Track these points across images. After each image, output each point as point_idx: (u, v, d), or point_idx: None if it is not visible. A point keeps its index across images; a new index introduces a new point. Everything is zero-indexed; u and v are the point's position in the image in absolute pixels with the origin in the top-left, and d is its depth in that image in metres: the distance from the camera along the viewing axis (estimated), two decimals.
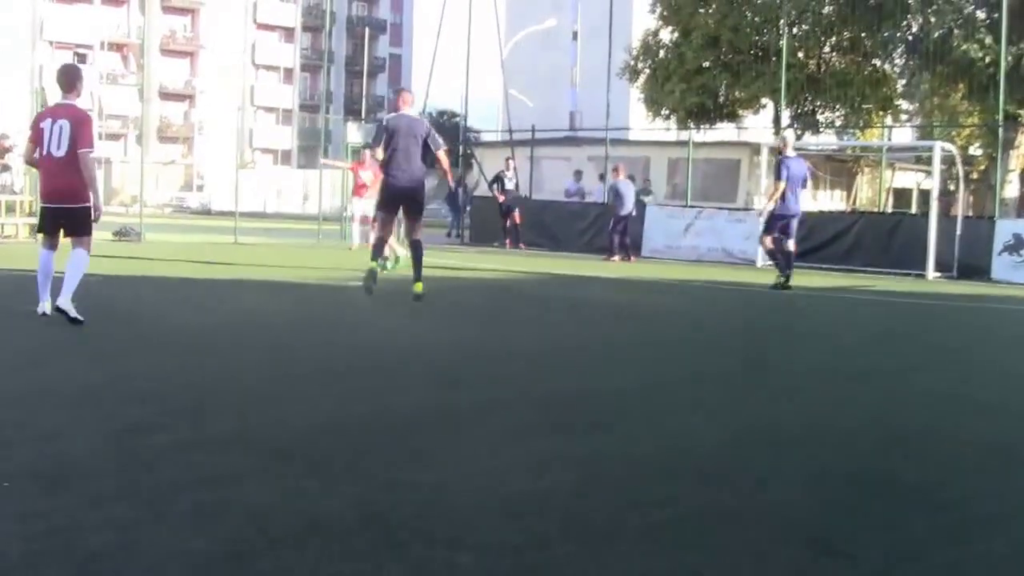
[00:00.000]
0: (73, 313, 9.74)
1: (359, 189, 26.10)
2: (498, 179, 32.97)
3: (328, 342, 10.03)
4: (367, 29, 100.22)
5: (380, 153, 13.67)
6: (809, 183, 20.11)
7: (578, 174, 36.74)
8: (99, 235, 11.13)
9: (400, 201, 13.96)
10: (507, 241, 31.68)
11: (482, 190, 36.83)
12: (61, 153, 10.03)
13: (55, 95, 10.98)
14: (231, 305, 13.61)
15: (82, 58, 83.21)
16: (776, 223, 18.55)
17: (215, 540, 4.10)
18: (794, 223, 18.71)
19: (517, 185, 33.81)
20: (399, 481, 5.04)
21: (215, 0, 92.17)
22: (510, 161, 32.94)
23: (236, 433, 5.97)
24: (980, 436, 6.82)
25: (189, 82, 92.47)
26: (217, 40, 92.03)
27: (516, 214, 31.88)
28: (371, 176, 24.86)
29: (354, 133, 36.21)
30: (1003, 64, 27.42)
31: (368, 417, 6.57)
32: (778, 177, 18.34)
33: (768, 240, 18.83)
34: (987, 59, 31.09)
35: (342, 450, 5.65)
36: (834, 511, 4.92)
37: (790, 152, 18.60)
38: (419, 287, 13.38)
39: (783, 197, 18.19)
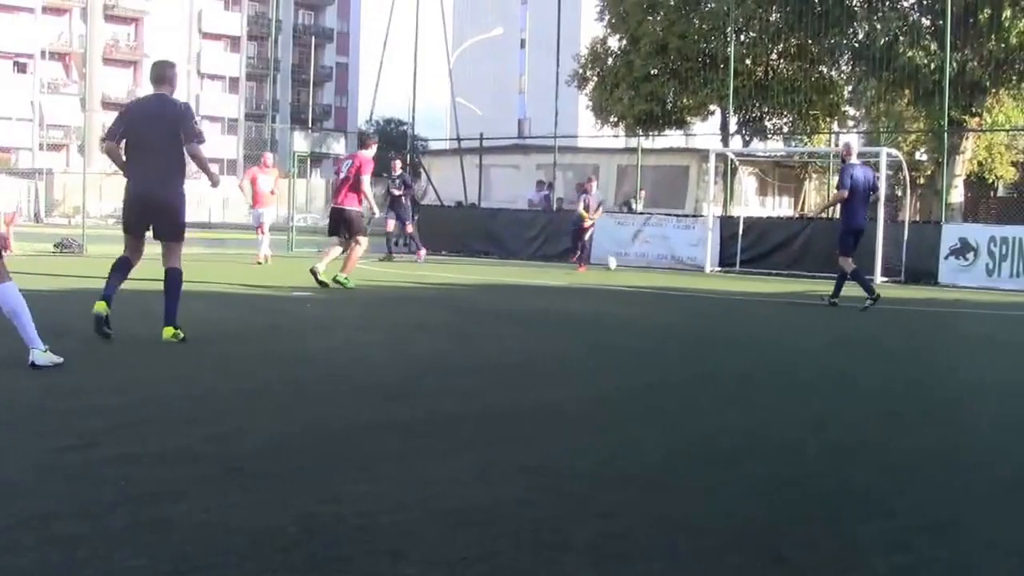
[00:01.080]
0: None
1: (259, 198, 24.65)
2: (399, 181, 29.17)
3: (274, 355, 9.90)
4: (313, 38, 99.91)
5: (110, 147, 10.46)
6: (880, 190, 19.55)
7: (540, 184, 36.68)
8: (40, 247, 10.95)
9: (142, 219, 10.52)
10: (388, 251, 28.60)
11: (429, 199, 36.77)
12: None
13: None
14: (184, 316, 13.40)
15: (22, 67, 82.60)
16: (851, 240, 16.77)
17: (157, 558, 4.01)
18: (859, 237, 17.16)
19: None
20: (344, 494, 4.96)
21: (159, 9, 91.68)
22: (396, 163, 30.00)
23: (182, 448, 5.85)
24: (928, 442, 6.81)
25: (132, 91, 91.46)
26: (161, 49, 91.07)
27: (408, 224, 28.92)
28: (273, 183, 24.64)
29: (300, 142, 35.99)
30: (947, 70, 27.63)
31: (313, 430, 6.46)
32: (841, 185, 16.59)
33: (850, 261, 16.77)
34: (932, 66, 31.36)
35: (287, 464, 5.56)
36: (784, 519, 4.89)
37: (854, 159, 16.93)
38: (169, 332, 10.01)
39: (851, 209, 16.45)
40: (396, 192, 28.49)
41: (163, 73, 10.56)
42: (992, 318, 16.92)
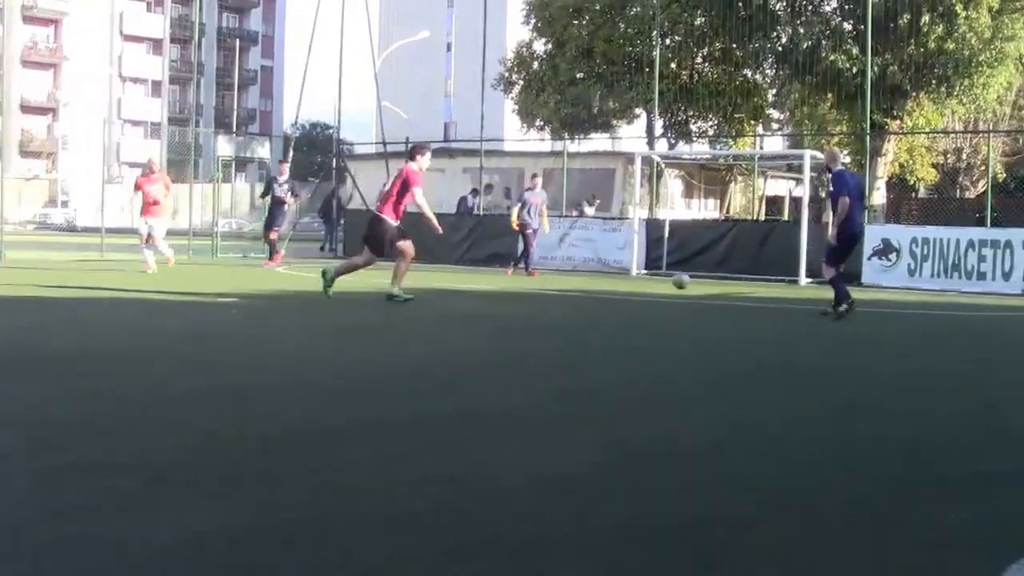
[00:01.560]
0: None
1: (149, 207, 22.81)
2: (269, 185, 27.79)
3: (200, 361, 9.82)
4: (238, 41, 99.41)
5: None
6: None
7: (480, 190, 36.63)
8: None
9: None
10: (266, 260, 27.25)
11: (355, 203, 36.65)
12: None
13: None
14: (100, 325, 13.25)
15: None
16: (848, 247, 16.14)
17: (77, 572, 3.98)
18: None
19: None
20: (267, 503, 4.94)
21: (79, 10, 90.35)
22: (284, 165, 28.42)
23: (104, 459, 5.79)
24: (867, 438, 6.89)
25: (52, 94, 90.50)
26: (82, 52, 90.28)
27: (275, 229, 27.16)
28: (162, 190, 22.87)
29: (224, 146, 35.83)
30: (869, 74, 28.00)
31: (241, 438, 6.44)
32: (840, 192, 15.49)
33: (834, 271, 15.94)
34: (854, 70, 31.73)
35: (212, 473, 5.52)
36: (722, 524, 4.88)
37: (839, 164, 16.22)
38: None
39: (849, 215, 15.46)
40: (281, 195, 26.82)
41: None
42: (910, 317, 17.14)
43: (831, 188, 15.99)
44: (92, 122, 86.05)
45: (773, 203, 50.19)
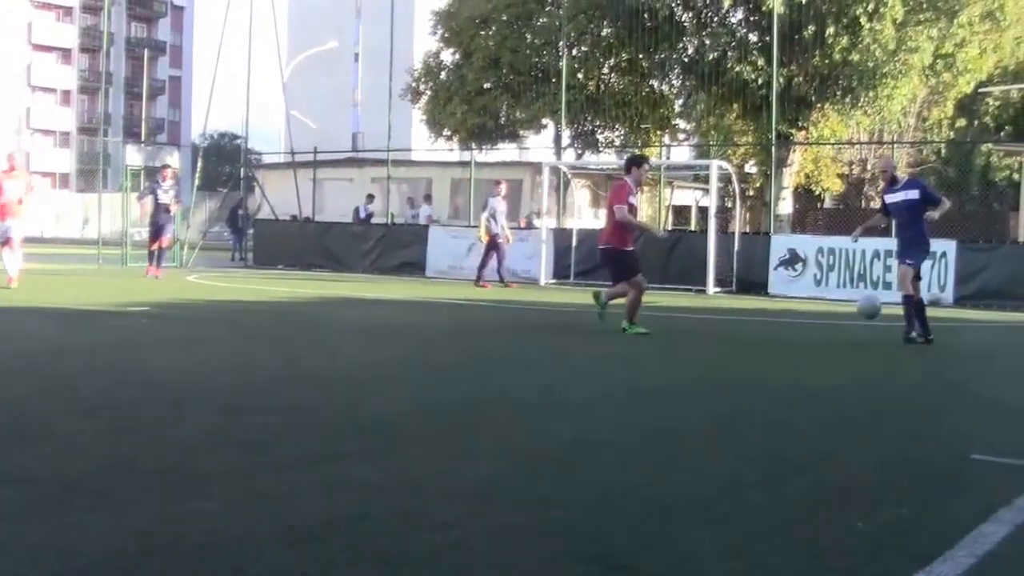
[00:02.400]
0: None
1: (7, 207, 20.40)
2: (151, 189, 26.55)
3: (108, 371, 9.64)
4: (146, 50, 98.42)
5: None
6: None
7: (370, 197, 36.49)
8: None
9: None
10: (147, 268, 26.23)
11: (265, 212, 36.42)
12: None
13: None
14: (9, 336, 12.97)
15: None
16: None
17: None
18: None
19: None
20: (182, 512, 4.84)
21: None
22: (167, 170, 26.77)
23: (15, 470, 5.64)
24: (761, 448, 6.90)
25: None
26: None
27: (165, 236, 26.23)
28: (23, 189, 20.52)
29: (133, 155, 35.47)
30: (775, 85, 28.22)
31: (149, 448, 6.31)
32: (941, 197, 14.03)
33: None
34: (760, 80, 31.96)
35: (125, 483, 5.39)
36: (617, 527, 4.86)
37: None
38: None
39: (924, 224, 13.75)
40: (166, 201, 25.75)
41: None
42: (811, 326, 17.25)
43: (925, 194, 13.93)
44: (1, 130, 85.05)
45: (680, 213, 50.50)
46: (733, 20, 35.67)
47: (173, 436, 6.66)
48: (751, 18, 34.62)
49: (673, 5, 34.84)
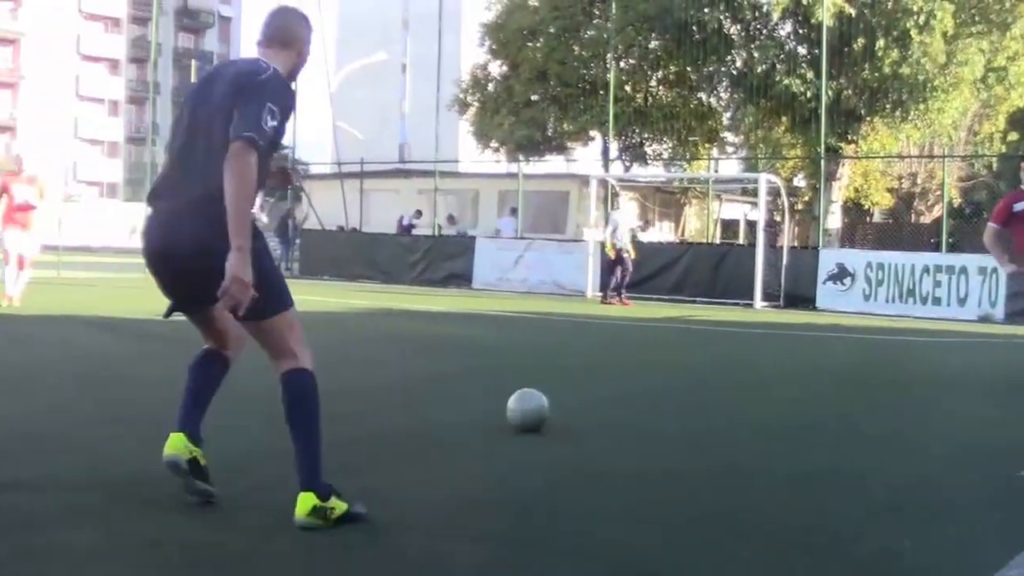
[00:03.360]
0: None
1: (13, 214, 17.45)
2: None
3: (158, 380, 9.63)
4: (194, 61, 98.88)
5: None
6: None
7: (418, 213, 36.55)
8: None
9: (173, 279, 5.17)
10: None
11: (312, 222, 36.50)
12: None
13: None
14: (55, 342, 13.01)
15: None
16: None
17: None
18: None
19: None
20: (228, 522, 4.78)
21: (37, 31, 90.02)
22: None
23: (58, 477, 5.65)
24: (806, 462, 6.80)
25: (11, 114, 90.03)
26: (40, 71, 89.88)
27: None
28: (35, 194, 17.50)
29: None
30: (824, 98, 28.04)
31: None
32: None
33: None
34: (808, 93, 31.76)
35: (164, 492, 5.32)
36: (665, 545, 4.82)
37: None
38: (306, 506, 4.87)
39: None
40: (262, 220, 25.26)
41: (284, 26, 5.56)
42: (864, 342, 17.09)
43: None
44: (50, 141, 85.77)
45: (728, 227, 50.28)
46: (782, 33, 35.49)
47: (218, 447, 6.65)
48: (800, 31, 34.42)
49: (722, 18, 34.67)
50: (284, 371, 5.04)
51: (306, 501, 4.82)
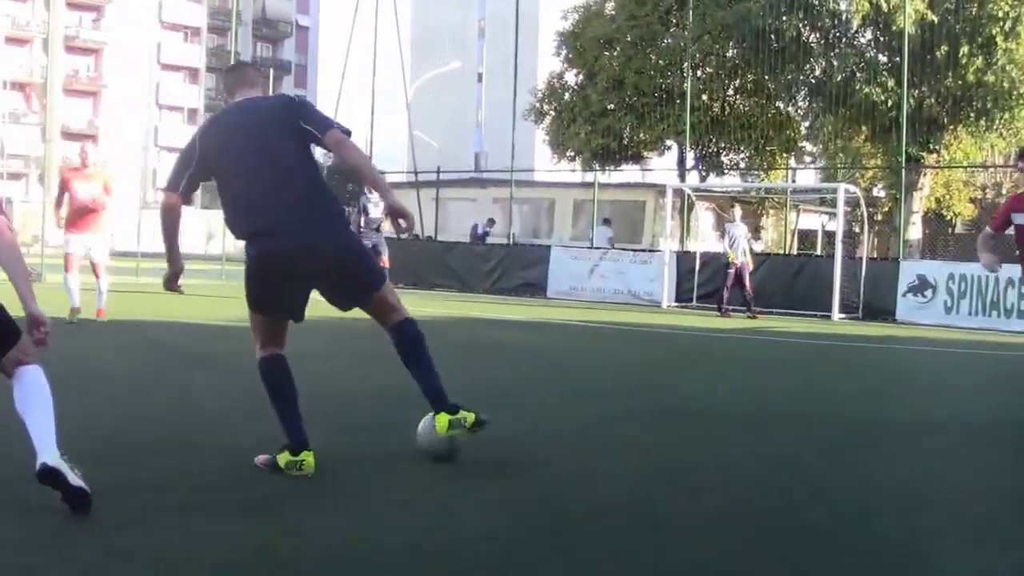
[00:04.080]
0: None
1: (81, 219, 15.79)
2: (364, 208, 23.47)
3: (239, 384, 9.60)
4: (272, 70, 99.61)
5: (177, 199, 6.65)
6: None
7: (491, 221, 36.53)
8: None
9: (294, 282, 6.21)
10: None
11: (385, 231, 36.51)
12: None
13: None
14: (141, 348, 13.04)
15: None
16: None
17: None
18: None
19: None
20: (305, 526, 4.67)
21: (118, 41, 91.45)
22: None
23: (144, 478, 5.53)
24: (887, 476, 6.57)
25: (92, 122, 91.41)
26: (121, 80, 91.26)
27: (383, 256, 22.95)
28: (100, 191, 15.68)
29: None
30: (905, 107, 27.61)
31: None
32: None
33: None
34: (889, 102, 31.35)
35: (248, 495, 5.28)
36: (747, 552, 4.78)
37: None
38: (444, 422, 6.16)
39: None
40: (378, 216, 22.89)
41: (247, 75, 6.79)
42: (949, 356, 16.75)
43: None
44: (129, 148, 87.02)
45: (806, 237, 49.81)
46: (862, 41, 35.08)
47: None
48: (880, 38, 33.99)
49: (800, 26, 34.34)
50: (397, 323, 6.35)
51: (443, 419, 6.10)
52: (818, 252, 44.20)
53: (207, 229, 68.02)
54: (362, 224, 22.87)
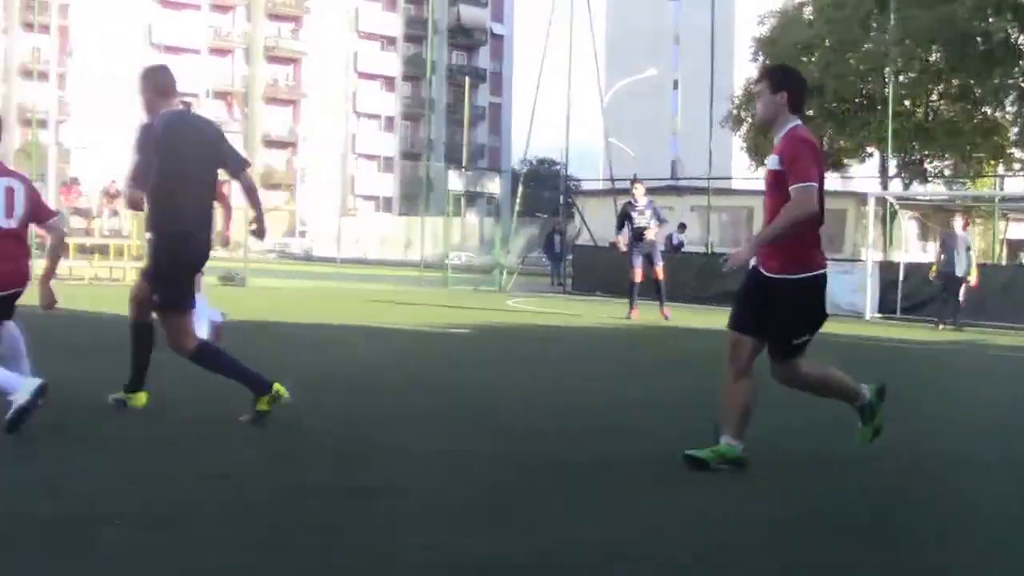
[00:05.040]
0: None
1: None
2: (626, 215, 21.67)
3: (433, 386, 9.63)
4: (467, 78, 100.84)
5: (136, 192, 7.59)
6: None
7: (682, 227, 36.31)
8: (205, 279, 10.90)
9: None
10: (631, 309, 21.56)
11: (583, 238, 36.59)
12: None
13: None
14: (346, 357, 13.22)
15: (188, 106, 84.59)
16: None
17: None
18: None
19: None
20: (578, 534, 4.62)
21: (317, 50, 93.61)
22: (639, 185, 22.62)
23: (381, 483, 5.66)
24: (949, 486, 6.27)
25: (292, 130, 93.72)
26: (319, 88, 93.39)
27: (659, 268, 21.89)
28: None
29: (455, 181, 36.14)
30: None
31: (530, 470, 6.16)
32: None
33: None
34: None
35: (518, 500, 5.23)
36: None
37: None
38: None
39: None
40: (643, 224, 21.33)
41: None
42: None
43: None
44: (328, 156, 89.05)
45: (1016, 247, 48.39)
46: None
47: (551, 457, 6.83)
48: None
49: (1008, 27, 33.43)
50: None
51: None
52: None
53: (405, 236, 68.97)
54: (630, 233, 21.27)
